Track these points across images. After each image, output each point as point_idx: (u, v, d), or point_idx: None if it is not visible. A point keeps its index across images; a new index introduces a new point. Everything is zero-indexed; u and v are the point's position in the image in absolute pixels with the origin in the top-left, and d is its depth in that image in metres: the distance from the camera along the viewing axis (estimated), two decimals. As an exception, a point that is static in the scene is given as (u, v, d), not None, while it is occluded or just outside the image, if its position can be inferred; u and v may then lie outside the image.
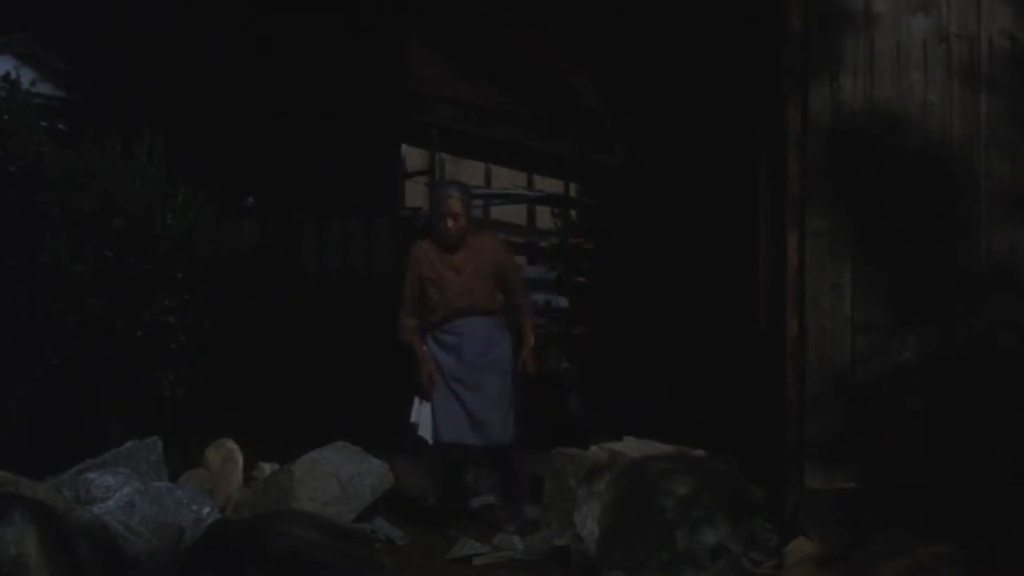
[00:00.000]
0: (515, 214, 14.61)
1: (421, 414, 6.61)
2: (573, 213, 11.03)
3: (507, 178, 14.41)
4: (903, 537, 5.26)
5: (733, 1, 7.20)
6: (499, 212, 14.52)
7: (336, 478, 6.45)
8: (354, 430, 6.79)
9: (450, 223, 6.52)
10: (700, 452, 5.96)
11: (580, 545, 5.81)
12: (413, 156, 13.16)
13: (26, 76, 7.58)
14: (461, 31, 12.32)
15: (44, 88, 8.65)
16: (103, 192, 7.12)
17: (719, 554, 5.47)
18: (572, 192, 13.59)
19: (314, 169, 9.99)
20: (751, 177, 6.24)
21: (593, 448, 6.05)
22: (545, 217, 13.66)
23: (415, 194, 13.23)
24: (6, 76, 7.27)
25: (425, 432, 6.59)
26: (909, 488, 5.56)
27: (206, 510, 5.75)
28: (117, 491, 5.69)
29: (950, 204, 5.70)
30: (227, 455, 6.86)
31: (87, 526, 4.85)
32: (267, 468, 6.81)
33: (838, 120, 5.72)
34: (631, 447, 5.97)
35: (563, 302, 10.76)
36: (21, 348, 6.71)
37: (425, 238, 6.80)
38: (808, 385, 5.68)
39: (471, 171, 14.12)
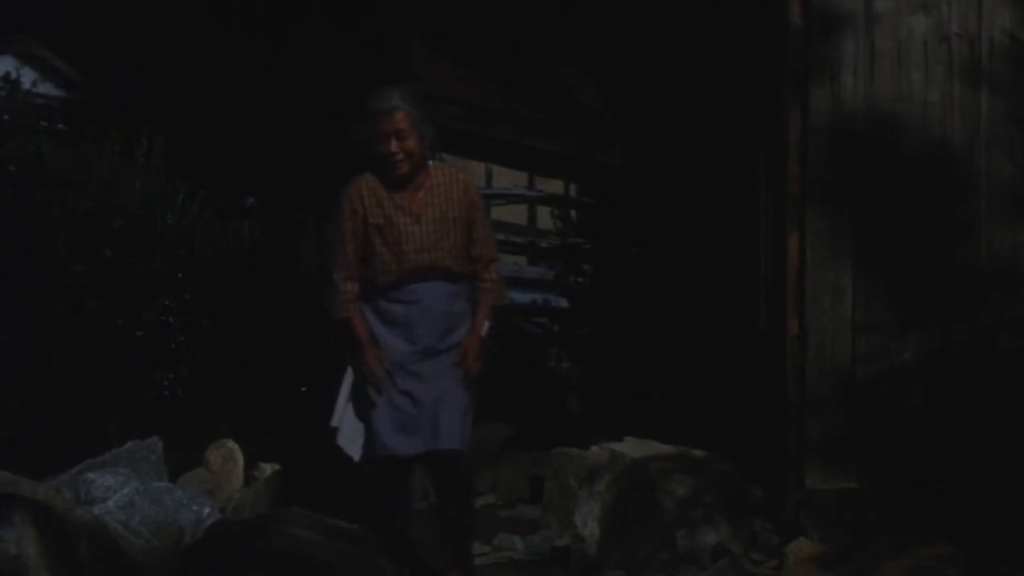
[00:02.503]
0: (516, 214, 14.66)
1: (346, 417, 5.15)
2: (573, 213, 11.03)
3: (508, 178, 14.46)
4: (904, 537, 5.26)
5: (734, 1, 7.19)
6: (500, 212, 14.56)
7: (336, 478, 6.45)
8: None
9: (394, 146, 4.72)
10: (700, 452, 5.96)
11: (580, 545, 5.80)
12: (413, 156, 13.15)
13: (26, 76, 7.58)
14: (461, 31, 12.33)
15: (44, 88, 8.65)
16: (103, 192, 7.11)
17: (719, 554, 5.47)
18: (572, 192, 13.60)
19: (314, 169, 9.99)
20: (751, 176, 6.24)
21: (593, 448, 6.04)
22: (545, 217, 13.68)
23: (415, 194, 13.24)
24: (6, 76, 7.26)
25: (349, 445, 5.11)
26: (910, 488, 5.55)
27: (206, 510, 5.74)
28: (117, 491, 5.69)
29: (951, 204, 5.70)
30: (227, 455, 6.86)
31: (87, 526, 4.84)
32: (267, 468, 6.80)
33: (838, 120, 5.71)
34: (631, 447, 5.97)
35: (563, 302, 10.77)
36: (21, 348, 6.70)
37: (369, 168, 4.97)
38: (808, 385, 5.67)
39: (472, 171, 14.15)
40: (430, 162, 4.89)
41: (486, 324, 4.94)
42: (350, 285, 4.94)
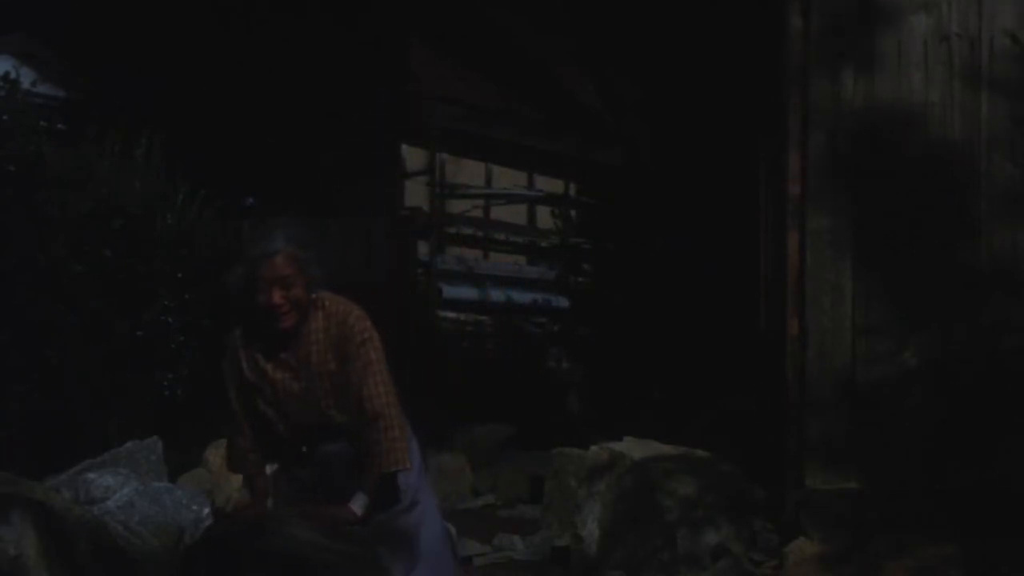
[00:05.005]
0: (515, 214, 14.66)
1: None
2: (573, 213, 11.04)
3: (508, 178, 14.47)
4: (904, 537, 5.26)
5: (734, 2, 7.19)
6: (500, 212, 14.57)
7: (336, 478, 6.43)
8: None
9: (277, 296, 3.85)
10: (702, 452, 5.96)
11: (580, 545, 5.80)
12: (413, 156, 13.21)
13: (26, 76, 7.57)
14: (461, 31, 12.34)
15: (44, 88, 8.64)
16: (103, 192, 7.11)
17: (720, 554, 5.47)
18: (572, 192, 13.61)
19: (314, 169, 9.99)
20: (751, 176, 6.24)
21: (594, 448, 6.04)
22: (545, 217, 13.68)
23: (415, 194, 13.28)
24: (6, 76, 7.26)
25: None
26: (910, 488, 5.55)
27: (206, 510, 5.74)
28: (117, 491, 5.69)
29: (951, 204, 5.69)
30: (227, 455, 6.85)
31: (87, 526, 4.84)
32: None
33: (839, 120, 5.71)
34: (632, 447, 5.96)
35: (563, 302, 10.77)
36: (21, 348, 6.70)
37: (244, 318, 4.06)
38: (808, 385, 5.67)
39: (472, 171, 14.18)
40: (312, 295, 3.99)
41: (362, 499, 3.83)
42: (239, 440, 4.19)
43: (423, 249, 12.97)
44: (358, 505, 3.85)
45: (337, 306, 4.00)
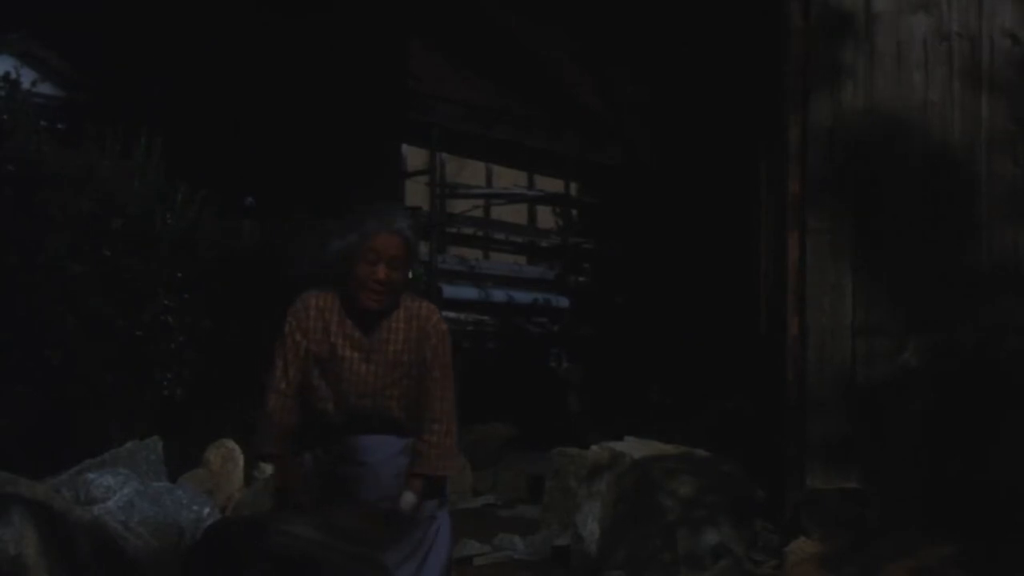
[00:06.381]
0: (516, 213, 14.67)
1: None
2: (574, 212, 11.04)
3: (508, 178, 14.47)
4: (905, 538, 5.26)
5: (734, 1, 7.19)
6: (500, 212, 14.58)
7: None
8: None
9: (382, 272, 3.83)
10: (702, 452, 5.95)
11: (581, 545, 5.80)
12: (413, 156, 13.22)
13: (26, 76, 7.58)
14: (461, 31, 12.34)
15: (44, 88, 8.64)
16: (103, 192, 7.11)
17: (720, 554, 5.47)
18: (573, 191, 13.62)
19: (314, 169, 9.99)
20: (752, 176, 6.24)
21: (594, 448, 6.04)
22: (545, 217, 13.69)
23: (415, 194, 13.29)
24: (6, 76, 7.26)
25: None
26: (911, 489, 5.55)
27: (206, 510, 5.74)
28: (117, 491, 5.68)
29: (951, 204, 5.69)
30: (227, 455, 6.86)
31: (87, 526, 4.84)
32: (267, 468, 6.80)
33: (839, 120, 5.71)
34: (632, 447, 5.96)
35: (563, 302, 10.78)
36: (21, 348, 6.70)
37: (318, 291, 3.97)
38: (809, 385, 5.67)
39: (472, 170, 14.19)
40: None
41: (411, 498, 3.85)
42: (280, 417, 3.95)
43: (423, 249, 12.98)
44: (407, 504, 3.87)
45: (422, 304, 4.03)
